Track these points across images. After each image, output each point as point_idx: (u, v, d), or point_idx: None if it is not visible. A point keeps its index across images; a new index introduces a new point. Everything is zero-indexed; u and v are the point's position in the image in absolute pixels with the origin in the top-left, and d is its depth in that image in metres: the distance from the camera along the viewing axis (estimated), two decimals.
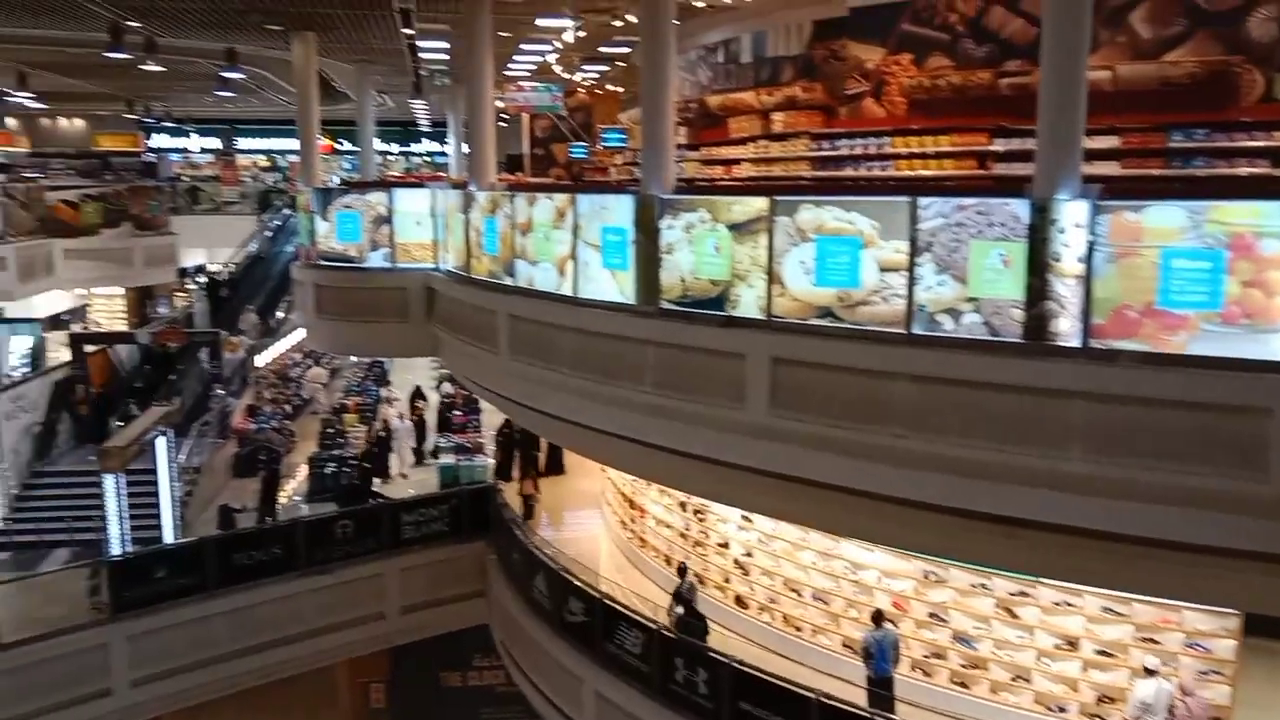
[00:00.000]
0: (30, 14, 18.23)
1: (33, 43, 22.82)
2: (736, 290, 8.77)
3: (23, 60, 27.25)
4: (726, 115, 18.04)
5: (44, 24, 19.56)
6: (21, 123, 45.02)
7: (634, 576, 15.57)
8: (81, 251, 24.06)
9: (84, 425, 21.21)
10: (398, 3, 16.06)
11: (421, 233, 14.80)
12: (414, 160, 54.77)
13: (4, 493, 18.70)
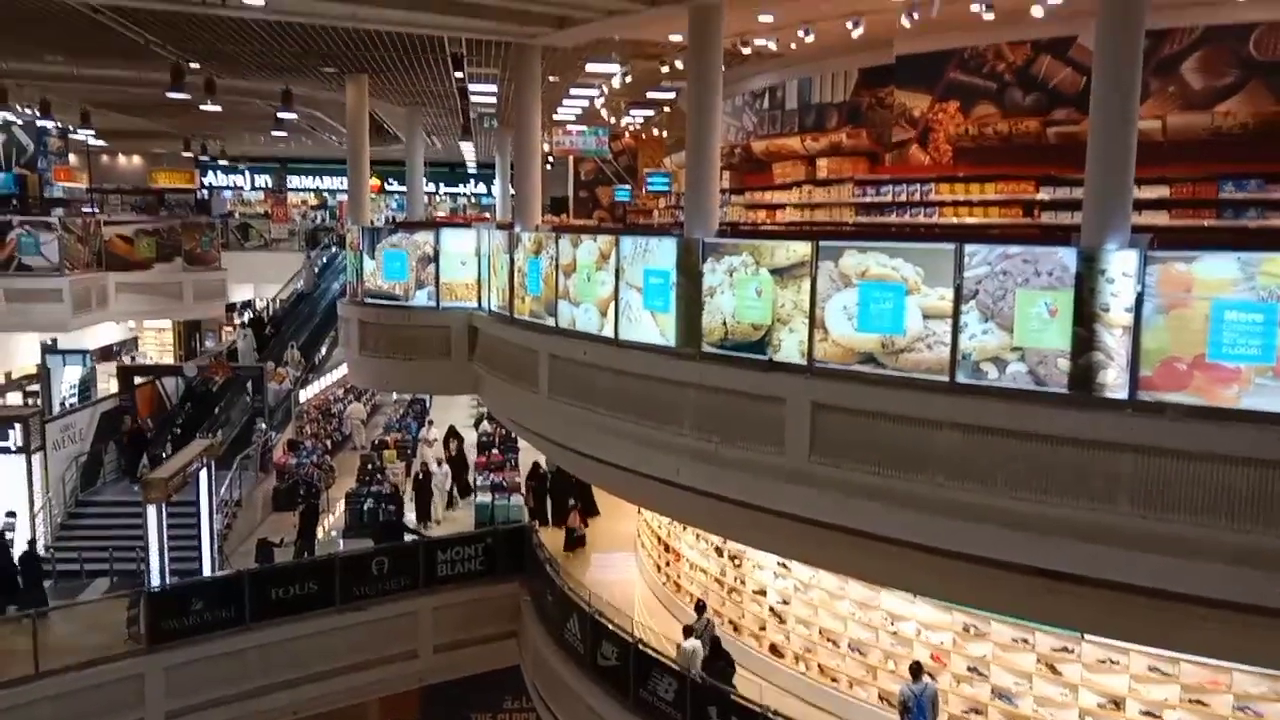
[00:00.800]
0: (100, 56, 18.84)
1: (98, 82, 23.56)
2: (778, 334, 8.74)
3: (87, 99, 28.13)
4: (771, 160, 18.11)
5: (111, 65, 20.19)
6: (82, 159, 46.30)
7: (667, 621, 15.40)
8: (134, 285, 24.57)
9: (129, 456, 21.52)
10: (450, 48, 16.37)
11: (466, 272, 14.96)
12: (459, 201, 55.51)
13: (49, 521, 18.96)
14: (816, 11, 12.90)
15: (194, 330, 34.42)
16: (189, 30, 15.60)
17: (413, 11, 12.38)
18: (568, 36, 13.74)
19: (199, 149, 44.62)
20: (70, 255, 22.34)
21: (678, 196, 22.78)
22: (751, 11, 12.37)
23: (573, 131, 22.38)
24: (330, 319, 29.16)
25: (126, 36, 16.20)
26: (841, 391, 8.14)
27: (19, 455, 18.74)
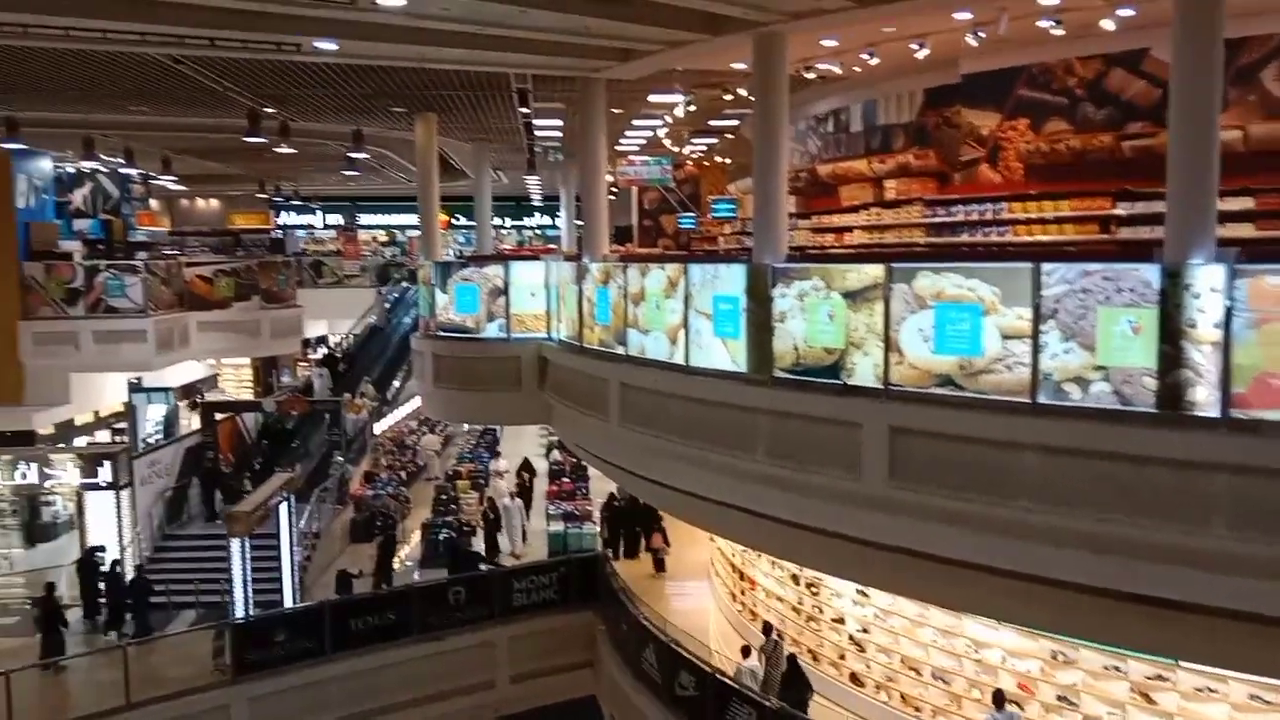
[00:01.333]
0: (182, 105, 19.57)
1: (179, 130, 24.44)
2: (852, 358, 8.66)
3: (168, 146, 29.18)
4: (837, 183, 18.05)
5: (191, 113, 20.95)
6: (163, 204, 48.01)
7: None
8: (214, 323, 25.24)
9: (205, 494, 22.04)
10: (516, 84, 16.66)
11: (535, 304, 15.11)
12: (525, 233, 56.19)
13: (137, 555, 19.49)
14: (881, 34, 12.87)
15: (271, 366, 35.24)
16: (265, 76, 16.13)
17: (479, 50, 12.62)
18: (632, 69, 13.89)
19: (273, 190, 45.95)
20: (154, 296, 23.04)
21: (743, 222, 22.79)
22: (815, 37, 12.37)
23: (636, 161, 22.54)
24: (402, 353, 29.67)
25: (206, 84, 16.80)
26: (919, 415, 8.02)
27: (109, 491, 19.31)
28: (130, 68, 15.57)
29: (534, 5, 10.02)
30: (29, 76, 16.58)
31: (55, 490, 20.00)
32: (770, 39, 10.76)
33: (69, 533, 20.75)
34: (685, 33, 11.50)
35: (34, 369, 22.21)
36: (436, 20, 11.00)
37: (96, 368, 23.25)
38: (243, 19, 10.91)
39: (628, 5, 10.37)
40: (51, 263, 22.63)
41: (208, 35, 11.79)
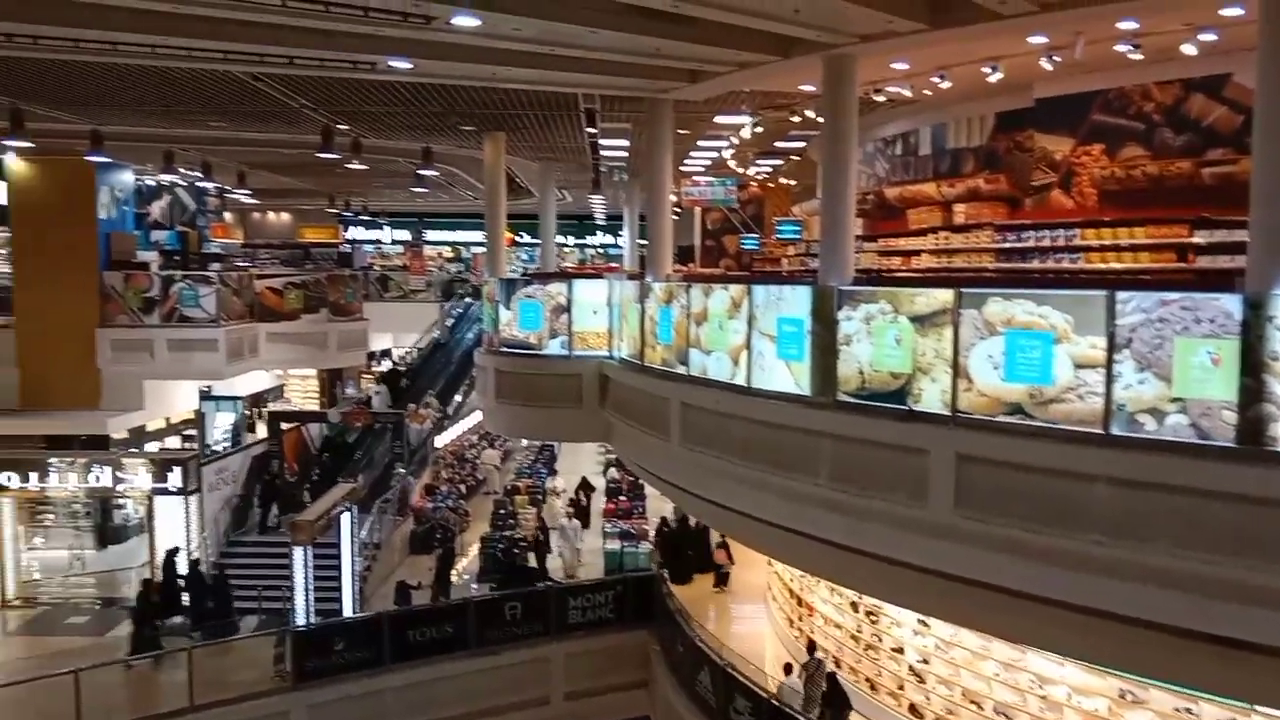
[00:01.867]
0: (259, 120, 20.11)
1: (254, 145, 25.09)
2: (919, 384, 8.55)
3: (243, 161, 29.99)
4: (905, 207, 17.89)
5: (267, 129, 21.50)
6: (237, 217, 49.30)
7: None
8: (283, 335, 25.76)
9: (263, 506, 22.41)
10: (584, 104, 16.82)
11: (598, 321, 15.18)
12: (587, 252, 56.59)
13: (204, 559, 19.90)
14: (953, 58, 12.75)
15: (336, 378, 35.85)
16: (339, 93, 16.50)
17: (549, 70, 12.77)
18: (700, 90, 13.94)
19: (343, 205, 46.90)
20: (226, 307, 23.63)
21: (808, 244, 22.68)
22: (885, 60, 12.30)
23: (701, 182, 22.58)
24: (464, 368, 29.99)
25: (283, 101, 17.24)
26: (988, 443, 7.88)
27: (178, 496, 19.78)
28: (211, 84, 16.04)
29: (605, 26, 10.11)
30: (114, 91, 17.16)
31: (127, 494, 20.52)
32: (840, 61, 10.73)
33: (139, 535, 21.29)
34: (755, 54, 11.52)
35: (110, 375, 22.89)
36: (509, 40, 11.16)
37: (169, 375, 23.88)
38: (321, 38, 11.18)
39: (699, 27, 10.41)
40: (130, 272, 23.34)
41: (287, 54, 12.11)
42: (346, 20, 9.88)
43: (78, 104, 18.88)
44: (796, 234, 23.61)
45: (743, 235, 29.75)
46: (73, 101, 18.56)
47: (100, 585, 20.49)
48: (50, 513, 21.41)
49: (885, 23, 9.78)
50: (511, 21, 10.20)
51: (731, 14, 9.68)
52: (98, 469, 19.60)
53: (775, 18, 9.72)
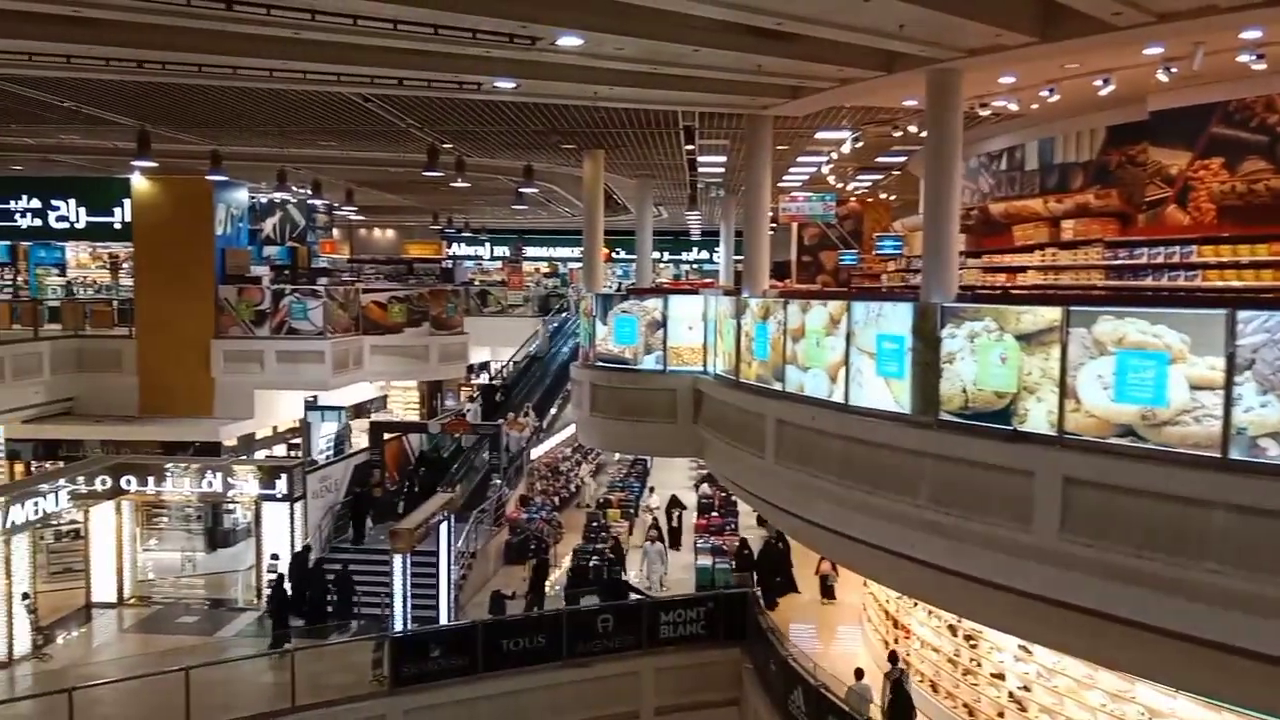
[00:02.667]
0: (368, 140, 20.78)
1: (362, 164, 25.91)
2: (1024, 403, 8.33)
3: (351, 179, 30.99)
4: (1010, 222, 17.50)
5: (375, 148, 22.19)
6: (344, 233, 50.88)
7: None
8: (386, 347, 26.44)
9: (379, 507, 23.02)
10: (683, 121, 16.91)
11: (693, 337, 15.21)
12: (682, 268, 56.72)
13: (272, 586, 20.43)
14: (1063, 70, 12.44)
15: (436, 390, 36.59)
16: (445, 113, 16.93)
17: (650, 89, 12.89)
18: (800, 105, 13.89)
19: (445, 222, 48.00)
20: (332, 320, 24.37)
21: (908, 260, 22.33)
22: (992, 74, 12.08)
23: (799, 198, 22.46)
24: (559, 382, 30.33)
25: (390, 121, 17.77)
26: (1097, 466, 7.63)
27: (283, 502, 20.42)
28: (324, 105, 16.64)
29: (708, 44, 10.16)
30: (233, 113, 17.95)
31: (236, 499, 21.27)
32: (945, 76, 10.57)
33: (246, 540, 22.04)
34: (858, 70, 11.43)
35: (223, 384, 23.79)
36: (611, 60, 11.31)
37: (278, 385, 24.69)
38: (430, 59, 11.49)
39: (801, 43, 10.38)
40: (243, 286, 24.24)
41: (397, 75, 12.48)
42: (455, 42, 10.15)
43: (199, 125, 19.80)
44: (897, 250, 23.27)
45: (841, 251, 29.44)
46: (194, 123, 19.47)
47: (209, 587, 21.24)
48: (164, 516, 22.31)
49: (993, 36, 9.60)
50: (614, 41, 10.34)
51: (835, 30, 9.63)
52: (210, 475, 20.33)
53: (879, 33, 9.64)
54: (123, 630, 19.35)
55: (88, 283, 31.89)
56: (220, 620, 19.74)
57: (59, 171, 27.82)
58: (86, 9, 9.44)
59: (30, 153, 25.00)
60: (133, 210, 24.46)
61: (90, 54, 11.62)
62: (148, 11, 9.41)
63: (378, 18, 9.41)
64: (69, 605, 19.81)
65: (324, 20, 9.34)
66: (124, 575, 20.45)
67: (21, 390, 21.49)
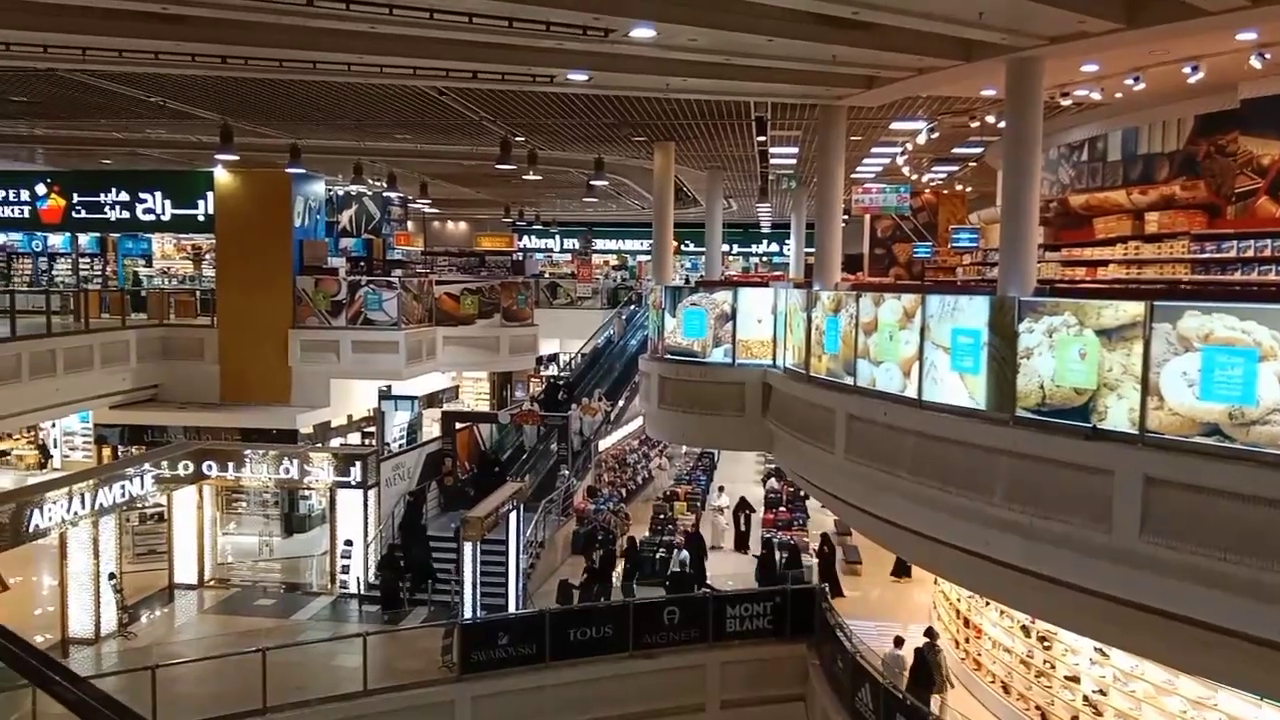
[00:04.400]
0: (442, 133, 21.06)
1: (437, 157, 26.25)
2: (1104, 400, 8.11)
3: (426, 172, 31.42)
4: (1091, 215, 17.05)
5: (449, 141, 22.47)
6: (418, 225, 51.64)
7: (966, 701, 14.55)
8: (458, 339, 26.74)
9: (449, 495, 23.35)
10: (755, 112, 16.80)
11: (762, 330, 15.10)
12: (751, 260, 56.39)
13: (379, 551, 20.88)
14: (1149, 57, 12.06)
15: (506, 381, 36.95)
16: (518, 106, 17.07)
17: (723, 80, 12.82)
18: (875, 96, 13.70)
19: (517, 214, 48.41)
20: (406, 311, 24.73)
21: (984, 253, 21.91)
22: (1075, 62, 11.76)
23: (873, 189, 22.13)
24: (627, 374, 30.39)
25: (464, 114, 17.97)
26: (1180, 466, 7.40)
27: (358, 490, 20.83)
28: (400, 99, 16.89)
29: (782, 34, 10.08)
30: (312, 107, 18.31)
31: (311, 486, 21.75)
32: (1026, 64, 10.34)
33: (321, 526, 22.54)
34: (935, 59, 11.23)
35: (300, 373, 24.32)
36: (684, 51, 11.28)
37: (353, 375, 25.15)
38: (504, 52, 11.59)
39: (877, 32, 10.23)
40: (320, 277, 24.73)
41: (471, 68, 12.61)
42: (529, 35, 10.21)
43: (279, 119, 20.25)
44: (973, 243, 22.82)
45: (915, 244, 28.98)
46: (275, 117, 19.92)
47: (285, 571, 21.78)
48: (243, 501, 22.95)
49: (1076, 23, 9.35)
50: (687, 32, 10.31)
51: (912, 18, 9.47)
52: (287, 461, 20.78)
53: (958, 21, 9.45)
54: (202, 611, 19.92)
55: (172, 273, 32.91)
56: (295, 604, 20.21)
57: (146, 165, 28.69)
58: (175, 6, 9.71)
59: (119, 147, 25.83)
60: (215, 203, 25.07)
61: (177, 50, 11.96)
62: (233, 8, 9.66)
63: (454, 11, 9.53)
64: (152, 586, 20.48)
65: (401, 14, 9.48)
66: (204, 558, 21.05)
67: (110, 377, 22.20)
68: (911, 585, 17.90)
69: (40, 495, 16.62)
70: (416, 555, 20.02)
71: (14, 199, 27.66)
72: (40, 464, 26.10)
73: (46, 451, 26.48)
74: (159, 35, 11.20)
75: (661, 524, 24.40)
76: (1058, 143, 18.74)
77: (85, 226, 29.05)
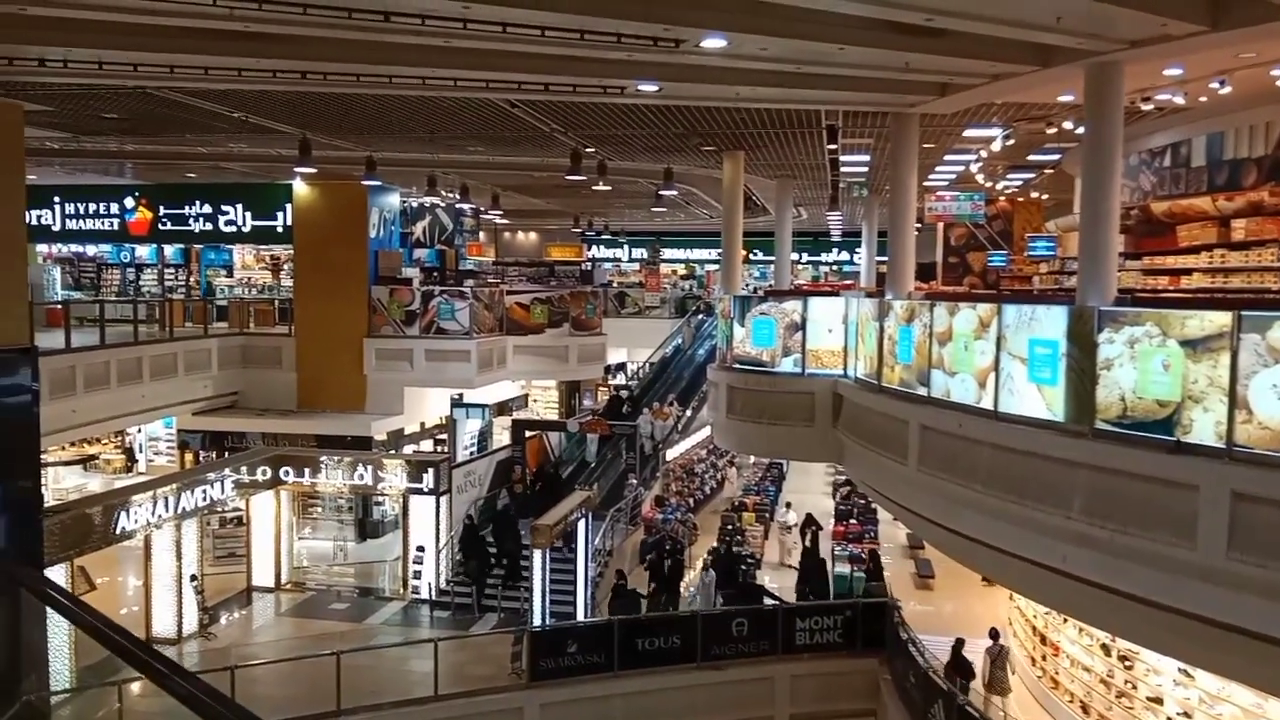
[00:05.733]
0: (513, 145, 21.33)
1: (508, 168, 26.57)
2: (1189, 413, 7.89)
3: (498, 183, 31.82)
4: (1174, 222, 16.59)
5: (520, 153, 22.73)
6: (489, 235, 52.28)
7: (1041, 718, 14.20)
8: (528, 347, 27.03)
9: (519, 502, 23.55)
10: (826, 120, 16.70)
11: (832, 340, 14.99)
12: (820, 269, 55.90)
13: (450, 557, 21.15)
14: (1236, 60, 11.69)
15: (574, 389, 37.18)
16: (588, 117, 17.20)
17: (793, 89, 12.77)
18: (948, 103, 13.52)
19: (586, 225, 48.73)
20: (478, 320, 25.08)
21: (1062, 262, 21.44)
22: (1157, 66, 11.46)
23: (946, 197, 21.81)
24: (694, 384, 30.34)
25: (536, 126, 18.16)
26: (1271, 481, 7.15)
27: (430, 496, 21.12)
28: (473, 111, 17.14)
29: (854, 42, 10.00)
30: (388, 120, 18.68)
31: (385, 492, 22.11)
32: (1105, 69, 10.10)
33: (394, 531, 22.89)
34: (1011, 65, 11.04)
35: (375, 381, 24.80)
36: (754, 60, 11.26)
37: (425, 383, 25.57)
38: (576, 64, 11.69)
39: (951, 39, 10.10)
40: (394, 287, 25.20)
41: (544, 80, 12.76)
42: (600, 47, 10.29)
43: (355, 133, 20.70)
44: (1050, 251, 22.34)
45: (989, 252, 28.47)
46: (351, 130, 20.36)
47: (359, 575, 22.16)
48: (318, 506, 23.42)
49: (1159, 26, 9.12)
50: (758, 41, 10.30)
51: (987, 25, 9.32)
52: (361, 468, 21.17)
53: (1035, 26, 9.28)
54: (279, 614, 20.35)
55: (251, 283, 33.80)
56: (368, 608, 20.55)
57: (227, 178, 29.55)
58: (257, 24, 9.99)
59: (203, 161, 26.64)
60: (293, 214, 25.71)
61: (259, 67, 12.32)
62: (313, 25, 9.90)
63: (527, 25, 9.64)
64: (231, 588, 20.99)
65: (475, 29, 9.62)
66: (281, 561, 21.52)
67: (192, 384, 22.87)
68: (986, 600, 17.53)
69: (127, 498, 17.20)
70: (509, 549, 20.36)
71: (104, 212, 28.65)
72: (126, 467, 26.97)
73: (132, 455, 27.35)
74: (242, 52, 11.55)
75: (730, 535, 24.26)
76: (1138, 148, 18.27)
77: (171, 238, 29.97)
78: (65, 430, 18.92)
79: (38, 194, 28.19)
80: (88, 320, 22.18)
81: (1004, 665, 14.70)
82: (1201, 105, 14.39)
